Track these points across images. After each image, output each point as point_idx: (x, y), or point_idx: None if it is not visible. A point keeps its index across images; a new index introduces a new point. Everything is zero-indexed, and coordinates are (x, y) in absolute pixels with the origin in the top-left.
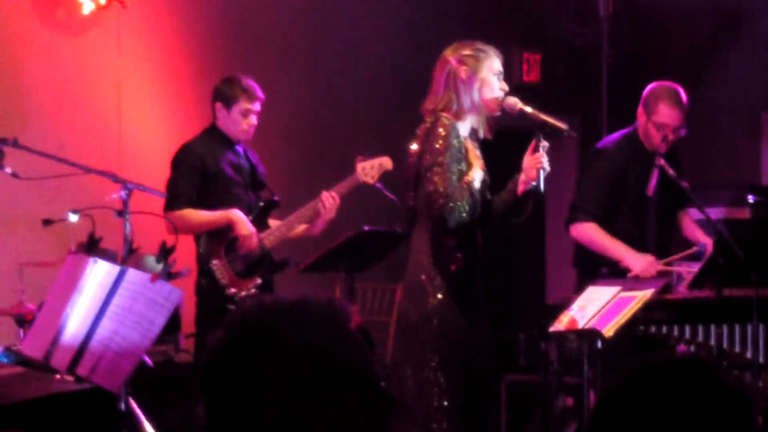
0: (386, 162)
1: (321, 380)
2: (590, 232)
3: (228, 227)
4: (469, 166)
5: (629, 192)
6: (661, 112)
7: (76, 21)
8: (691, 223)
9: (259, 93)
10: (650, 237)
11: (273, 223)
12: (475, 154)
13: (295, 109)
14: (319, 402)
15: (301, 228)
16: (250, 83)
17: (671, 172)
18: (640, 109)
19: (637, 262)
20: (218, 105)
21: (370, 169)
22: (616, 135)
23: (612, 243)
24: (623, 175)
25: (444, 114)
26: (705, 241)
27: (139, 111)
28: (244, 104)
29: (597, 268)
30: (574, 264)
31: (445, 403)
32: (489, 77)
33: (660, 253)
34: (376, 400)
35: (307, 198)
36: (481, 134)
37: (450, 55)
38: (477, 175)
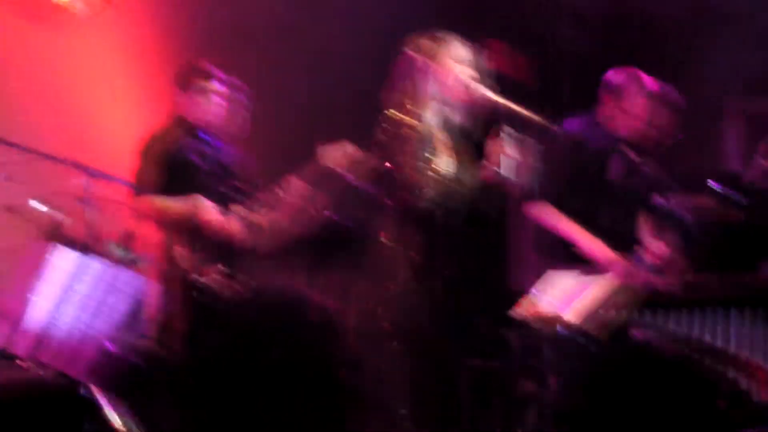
0: (349, 148)
1: (285, 369)
2: (546, 213)
3: (192, 214)
4: (437, 154)
5: (589, 175)
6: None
7: (44, 9)
8: (644, 223)
9: (216, 72)
10: (607, 220)
11: (238, 210)
12: (443, 143)
13: (277, 99)
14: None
15: (266, 216)
16: (206, 64)
17: (634, 157)
18: (606, 96)
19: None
20: (175, 90)
21: (333, 154)
22: (577, 119)
23: (567, 224)
24: (581, 157)
25: (406, 101)
26: (649, 243)
27: (104, 98)
28: (198, 83)
29: (555, 252)
30: (534, 249)
31: (407, 389)
32: (447, 63)
33: (620, 237)
34: (336, 390)
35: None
36: (456, 120)
37: (408, 46)
38: (444, 164)
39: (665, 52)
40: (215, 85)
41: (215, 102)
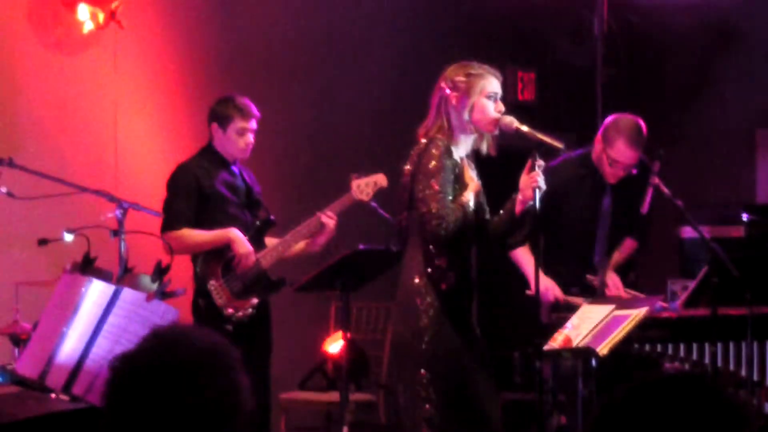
0: (381, 179)
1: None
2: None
3: (226, 247)
4: (464, 187)
5: (576, 209)
6: (618, 148)
7: (74, 40)
8: (617, 254)
9: (254, 111)
10: (597, 253)
11: (270, 242)
12: (469, 175)
13: (290, 129)
14: None
15: (298, 247)
16: (245, 101)
17: (666, 191)
18: (598, 136)
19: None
20: (214, 125)
21: (365, 186)
22: (573, 153)
23: (524, 258)
24: (568, 192)
25: (439, 136)
26: (609, 278)
27: (135, 130)
28: (239, 123)
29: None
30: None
31: (436, 418)
32: (480, 101)
33: (605, 270)
34: None
35: (303, 217)
36: (484, 150)
37: (443, 80)
38: (471, 197)
39: (696, 83)
40: (253, 125)
41: (249, 140)
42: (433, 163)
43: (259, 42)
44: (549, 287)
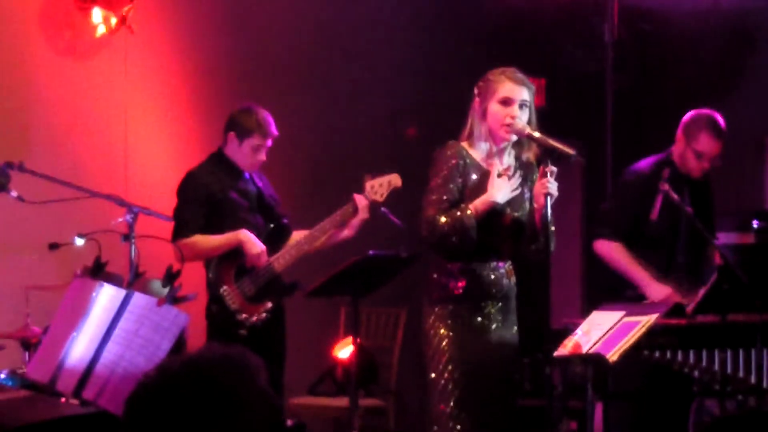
0: (395, 179)
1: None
2: (615, 252)
3: (238, 252)
4: (480, 192)
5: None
6: (702, 141)
7: (85, 45)
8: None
9: (274, 129)
10: (680, 259)
11: (297, 235)
12: (490, 180)
13: (302, 133)
14: None
15: (323, 238)
16: (267, 118)
17: (675, 197)
18: (679, 134)
19: (656, 291)
20: (231, 134)
21: (379, 187)
22: (649, 160)
23: (634, 267)
24: (655, 199)
25: (463, 139)
26: None
27: (145, 135)
28: (257, 140)
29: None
30: (605, 289)
31: (451, 424)
32: (493, 105)
33: (691, 276)
34: None
35: (316, 221)
36: (525, 158)
37: (477, 84)
38: (478, 205)
39: (706, 90)
40: (269, 143)
41: (262, 158)
42: (437, 166)
43: (271, 46)
44: (669, 293)
